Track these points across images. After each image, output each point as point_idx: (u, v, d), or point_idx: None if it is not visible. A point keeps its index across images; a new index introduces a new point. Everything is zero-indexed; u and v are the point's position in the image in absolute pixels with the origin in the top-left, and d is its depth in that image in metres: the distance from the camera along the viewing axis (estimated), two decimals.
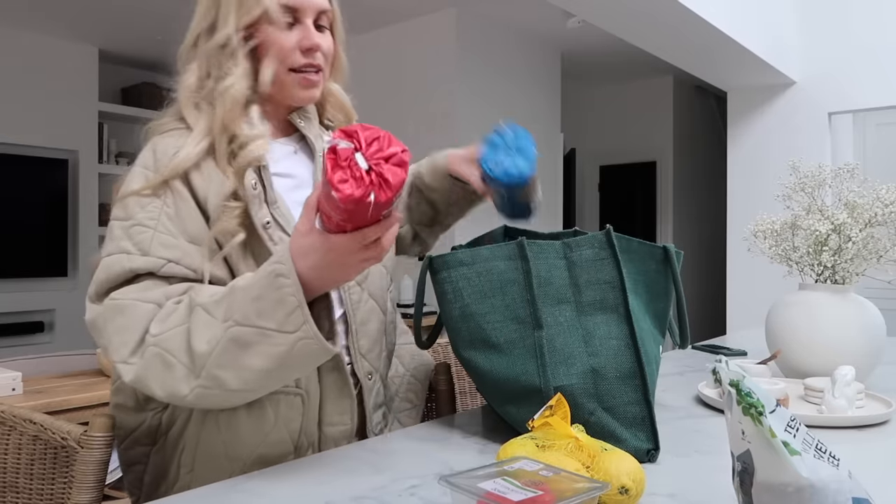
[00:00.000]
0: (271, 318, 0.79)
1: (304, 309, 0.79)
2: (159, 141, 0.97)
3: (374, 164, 0.71)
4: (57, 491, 0.97)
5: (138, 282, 0.88)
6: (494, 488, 0.61)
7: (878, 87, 4.07)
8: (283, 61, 0.98)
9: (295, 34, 0.98)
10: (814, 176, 1.37)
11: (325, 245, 0.78)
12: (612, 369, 0.92)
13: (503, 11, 4.25)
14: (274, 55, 0.97)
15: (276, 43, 0.97)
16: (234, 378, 0.81)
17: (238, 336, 0.80)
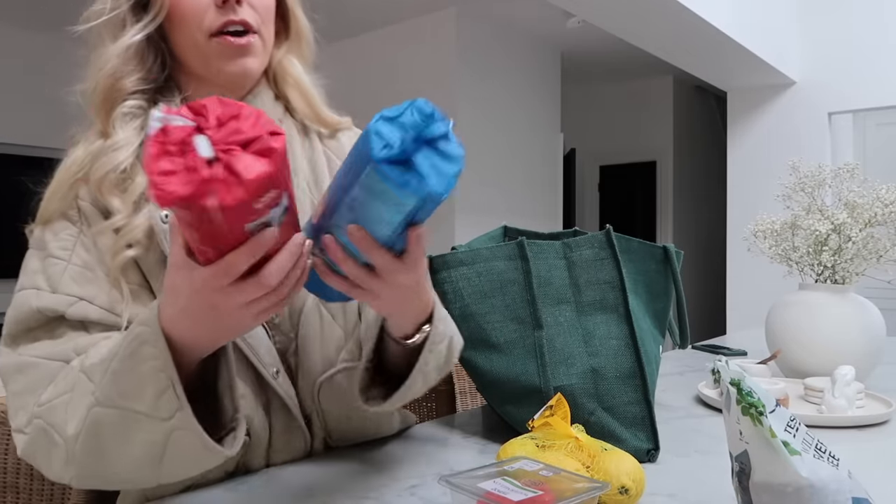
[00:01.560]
0: (138, 399, 0.60)
1: (177, 388, 0.59)
2: (71, 150, 0.83)
3: (222, 152, 0.48)
4: (57, 491, 0.97)
5: (50, 326, 0.71)
6: (494, 488, 0.61)
7: (878, 87, 4.07)
8: (198, 25, 0.75)
9: None
10: (814, 176, 1.37)
11: (189, 283, 0.55)
12: (612, 369, 0.92)
13: (503, 11, 4.25)
14: (182, 18, 0.75)
15: (181, 2, 0.75)
16: (109, 470, 0.64)
17: (99, 419, 0.62)
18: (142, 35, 0.75)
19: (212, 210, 0.48)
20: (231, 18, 0.75)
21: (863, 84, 4.11)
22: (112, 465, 0.64)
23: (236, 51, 0.76)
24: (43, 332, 0.71)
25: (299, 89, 0.87)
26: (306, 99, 0.88)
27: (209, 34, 0.75)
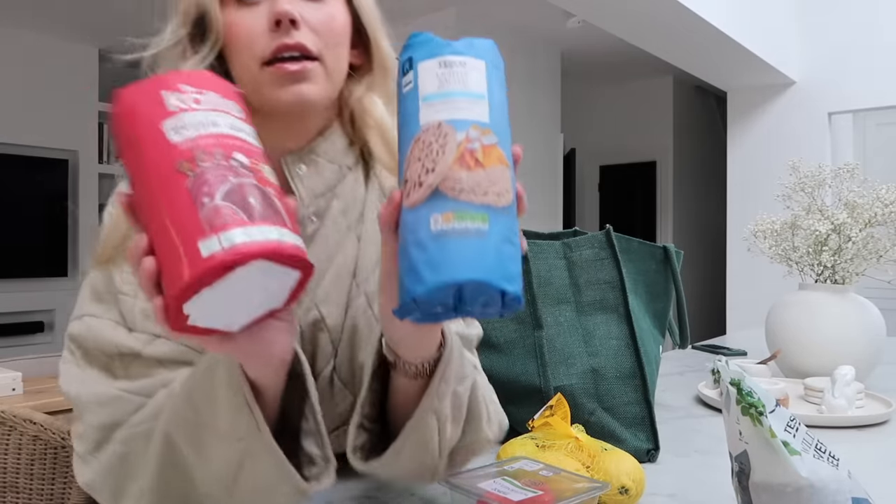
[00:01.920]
0: (212, 416, 0.57)
1: (253, 410, 0.55)
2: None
3: None
4: (57, 491, 0.97)
5: (125, 361, 0.67)
6: (494, 488, 0.61)
7: (878, 87, 4.07)
8: (252, 52, 0.66)
9: (261, 12, 0.67)
10: (814, 176, 1.37)
11: None
12: (611, 369, 0.92)
13: (503, 11, 4.25)
14: (235, 45, 0.67)
15: (233, 28, 0.67)
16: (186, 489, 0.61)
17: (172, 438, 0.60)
18: (203, 67, 0.67)
19: None
20: (284, 42, 0.65)
21: (863, 84, 4.11)
22: (189, 483, 0.60)
23: (289, 77, 0.66)
24: (120, 365, 0.68)
25: (381, 133, 0.74)
26: (389, 145, 0.74)
27: (262, 62, 0.66)
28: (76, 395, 0.67)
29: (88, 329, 0.67)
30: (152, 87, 0.47)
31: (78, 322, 0.69)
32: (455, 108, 0.50)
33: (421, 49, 0.52)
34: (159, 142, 0.46)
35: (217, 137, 0.47)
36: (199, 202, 0.44)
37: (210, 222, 0.44)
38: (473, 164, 0.48)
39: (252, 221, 0.45)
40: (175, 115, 0.46)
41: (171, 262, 0.44)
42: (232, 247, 0.43)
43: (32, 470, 0.98)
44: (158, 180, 0.45)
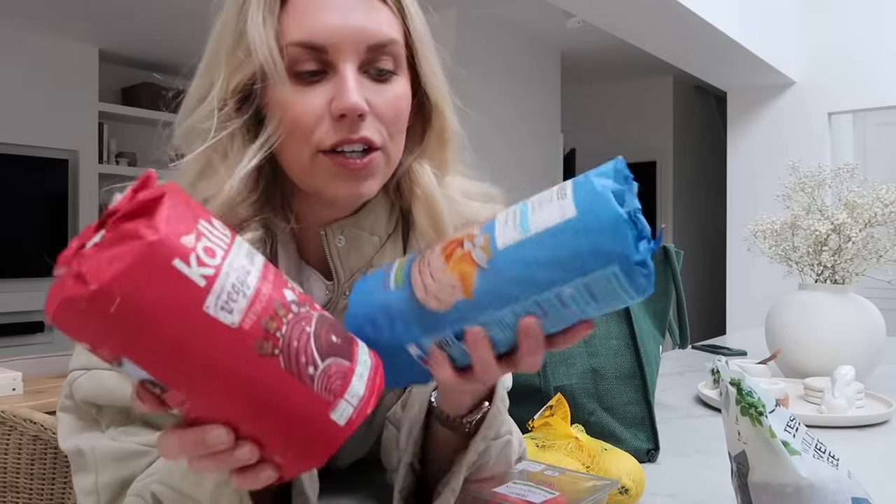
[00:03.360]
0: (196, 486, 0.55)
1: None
2: None
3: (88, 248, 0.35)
4: (57, 491, 0.97)
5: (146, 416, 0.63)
6: (511, 492, 0.61)
7: (878, 87, 4.07)
8: (307, 137, 0.59)
9: (324, 91, 0.59)
10: (813, 176, 1.37)
11: None
12: (611, 369, 0.92)
13: (503, 11, 4.25)
14: (282, 129, 0.60)
15: (287, 110, 0.59)
16: None
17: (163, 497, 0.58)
18: (258, 160, 0.60)
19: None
20: (348, 137, 0.59)
21: (863, 84, 4.11)
22: None
23: (351, 174, 0.60)
24: (140, 421, 0.63)
25: (427, 206, 0.67)
26: (434, 220, 0.67)
27: (318, 150, 0.60)
28: (87, 451, 0.62)
29: (100, 385, 0.61)
30: (155, 257, 0.34)
31: (86, 377, 0.62)
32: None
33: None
34: (216, 332, 0.36)
35: (264, 288, 0.39)
36: (305, 376, 0.39)
37: (328, 389, 0.40)
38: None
39: (352, 361, 0.42)
40: (211, 291, 0.36)
41: (295, 442, 0.40)
42: (360, 402, 0.41)
43: (32, 470, 0.98)
44: (237, 378, 0.37)
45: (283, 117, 0.59)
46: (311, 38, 0.59)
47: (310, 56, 0.59)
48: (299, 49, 0.59)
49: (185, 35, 4.62)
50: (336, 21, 0.59)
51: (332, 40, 0.59)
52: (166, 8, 3.81)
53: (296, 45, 0.59)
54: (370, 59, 0.60)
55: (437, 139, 0.68)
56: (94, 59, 4.58)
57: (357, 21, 0.60)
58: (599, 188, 0.43)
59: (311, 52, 0.59)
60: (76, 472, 0.64)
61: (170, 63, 4.89)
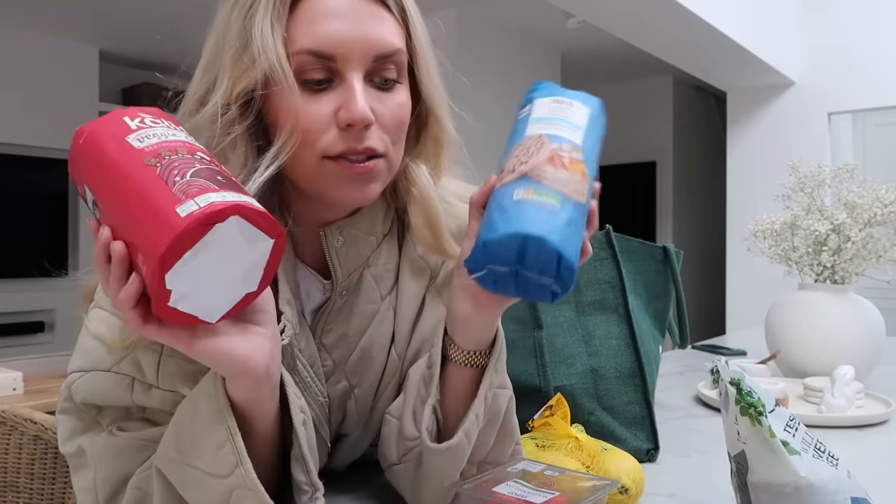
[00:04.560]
0: (196, 454, 0.55)
1: (236, 442, 0.54)
2: None
3: None
4: (57, 491, 0.97)
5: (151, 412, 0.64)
6: (511, 492, 0.61)
7: (877, 87, 4.07)
8: (313, 144, 0.60)
9: (331, 100, 0.60)
10: (813, 176, 1.37)
11: None
12: (611, 369, 0.92)
13: (503, 11, 4.25)
14: (291, 137, 0.60)
15: (295, 117, 0.60)
16: None
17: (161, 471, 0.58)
18: (274, 168, 0.60)
19: None
20: (354, 147, 0.60)
21: (862, 84, 4.11)
22: None
23: (355, 177, 0.62)
24: (141, 418, 0.64)
25: (423, 205, 0.69)
26: (430, 221, 0.69)
27: (323, 156, 0.61)
28: (87, 450, 0.63)
29: (98, 386, 0.62)
30: (113, 114, 0.53)
31: (84, 379, 0.63)
32: (555, 128, 0.58)
33: (541, 90, 0.62)
34: (126, 150, 0.49)
35: (179, 142, 0.51)
36: (171, 181, 0.47)
37: (184, 192, 0.47)
38: (559, 165, 0.56)
39: (223, 189, 0.48)
40: (138, 130, 0.51)
41: (149, 233, 0.46)
42: (209, 204, 0.46)
43: (33, 470, 0.98)
44: (126, 177, 0.48)
45: (291, 125, 0.60)
46: (319, 46, 0.59)
47: (318, 64, 0.59)
48: (307, 57, 0.59)
49: (186, 35, 4.62)
50: (345, 30, 0.59)
51: (340, 49, 0.59)
52: (166, 8, 3.81)
53: (304, 52, 0.59)
54: (375, 69, 0.61)
55: (433, 143, 0.70)
56: (94, 59, 4.58)
57: (365, 30, 0.60)
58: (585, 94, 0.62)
59: (320, 61, 0.59)
60: (76, 472, 0.64)
61: (170, 63, 4.90)
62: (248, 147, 0.61)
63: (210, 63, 0.63)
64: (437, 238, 0.69)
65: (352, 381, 0.72)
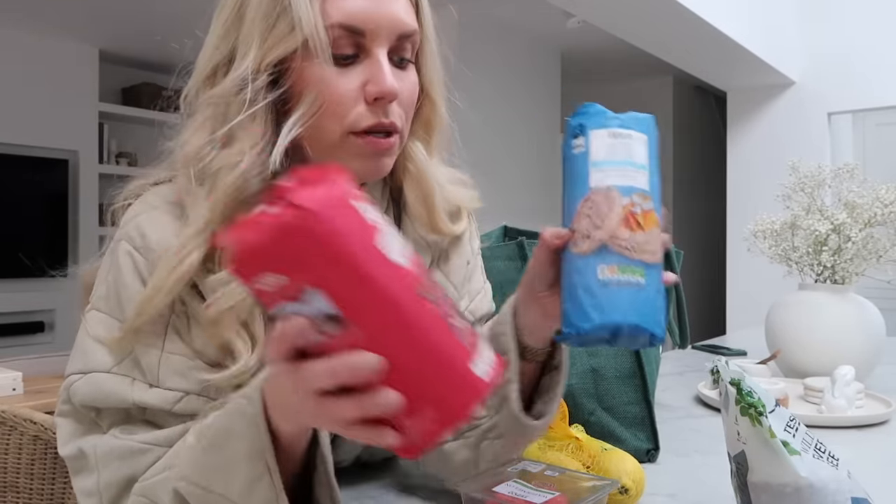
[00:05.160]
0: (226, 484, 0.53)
1: (275, 478, 0.51)
2: (146, 222, 0.64)
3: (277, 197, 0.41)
4: (57, 491, 0.97)
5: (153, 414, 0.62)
6: (511, 492, 0.61)
7: (877, 87, 4.07)
8: (341, 118, 0.62)
9: (358, 74, 0.62)
10: (813, 176, 1.37)
11: None
12: (611, 369, 0.92)
13: (503, 11, 4.25)
14: (314, 108, 0.61)
15: (324, 88, 0.61)
16: None
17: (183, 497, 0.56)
18: (294, 134, 0.61)
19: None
20: (381, 121, 0.62)
21: (863, 84, 4.11)
22: None
23: (378, 153, 0.64)
24: (138, 414, 0.63)
25: (419, 182, 0.72)
26: (425, 197, 0.72)
27: (349, 131, 0.62)
28: (89, 451, 0.62)
29: (98, 389, 0.62)
30: (343, 194, 0.41)
31: (84, 381, 0.62)
32: (622, 175, 0.59)
33: (592, 119, 0.62)
34: (383, 264, 0.41)
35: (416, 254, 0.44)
36: (448, 323, 0.43)
37: (467, 341, 0.43)
38: (635, 226, 0.56)
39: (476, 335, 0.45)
40: (381, 233, 0.41)
41: (439, 387, 0.42)
42: (491, 361, 0.44)
43: (33, 470, 0.98)
44: (401, 310, 0.41)
45: (319, 96, 0.61)
46: (352, 21, 0.61)
47: (348, 39, 0.61)
48: (339, 31, 0.61)
49: (186, 35, 4.62)
50: (373, 7, 0.62)
51: (370, 25, 0.61)
52: (166, 8, 3.81)
53: (336, 26, 0.60)
54: (396, 47, 0.64)
55: (425, 125, 0.72)
56: (94, 59, 4.58)
57: (391, 9, 0.63)
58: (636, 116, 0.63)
59: (351, 36, 0.61)
60: (76, 475, 0.64)
61: (170, 63, 4.84)
62: (268, 117, 0.62)
63: (227, 32, 0.64)
64: (430, 214, 0.73)
65: None
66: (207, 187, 0.62)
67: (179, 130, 0.66)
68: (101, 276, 0.67)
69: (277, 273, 0.40)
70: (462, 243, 0.80)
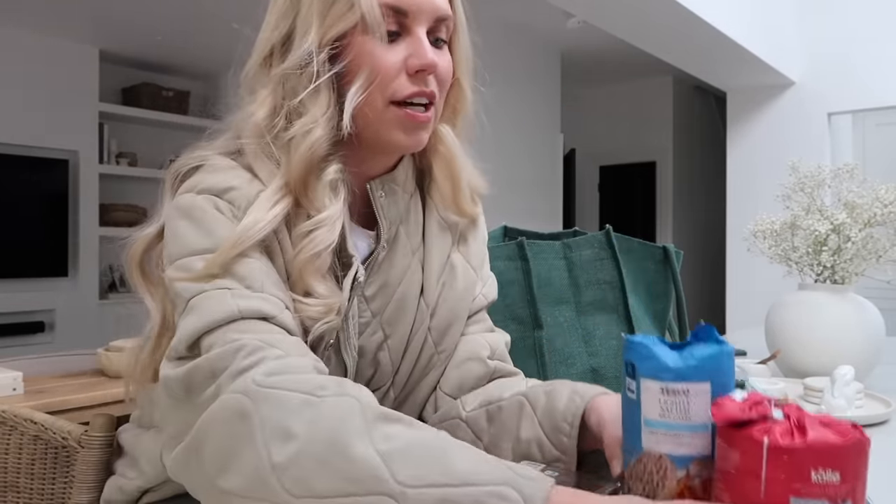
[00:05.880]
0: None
1: None
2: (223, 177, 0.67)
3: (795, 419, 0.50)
4: (57, 491, 0.97)
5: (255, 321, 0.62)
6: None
7: (877, 87, 4.07)
8: (384, 88, 0.68)
9: (401, 49, 0.69)
10: (813, 176, 1.37)
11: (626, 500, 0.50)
12: (611, 369, 0.92)
13: (503, 11, 4.25)
14: (370, 79, 0.67)
15: (374, 61, 0.67)
16: None
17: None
18: (359, 98, 0.68)
19: (758, 443, 0.48)
20: (423, 90, 0.69)
21: (862, 84, 4.11)
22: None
23: (417, 125, 0.70)
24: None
25: (447, 162, 0.78)
26: (452, 177, 0.78)
27: (391, 101, 0.69)
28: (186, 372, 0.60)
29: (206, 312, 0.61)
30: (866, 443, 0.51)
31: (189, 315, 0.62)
32: (676, 441, 0.52)
33: (644, 365, 0.53)
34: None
35: None
36: None
37: None
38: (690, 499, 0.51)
39: None
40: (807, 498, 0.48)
41: None
42: None
43: (33, 470, 0.98)
44: None
45: (369, 69, 0.68)
46: (398, 2, 0.68)
47: (394, 18, 0.68)
48: (387, 10, 0.68)
49: (186, 36, 4.63)
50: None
51: (413, 7, 0.69)
52: (166, 8, 3.81)
53: (385, 6, 0.67)
54: (433, 28, 0.71)
55: (452, 108, 0.78)
56: (94, 60, 4.58)
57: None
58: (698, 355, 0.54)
59: (396, 15, 0.68)
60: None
61: (170, 63, 4.90)
62: (329, 91, 0.68)
63: (285, 13, 0.70)
64: (456, 194, 0.78)
65: (386, 331, 0.76)
66: (282, 153, 0.68)
67: (241, 106, 0.71)
68: (173, 231, 0.67)
69: (842, 484, 0.49)
70: (478, 227, 0.86)
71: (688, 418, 0.52)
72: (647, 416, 0.53)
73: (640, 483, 0.53)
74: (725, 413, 0.49)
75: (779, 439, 0.47)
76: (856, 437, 0.50)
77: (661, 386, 0.52)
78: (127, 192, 4.77)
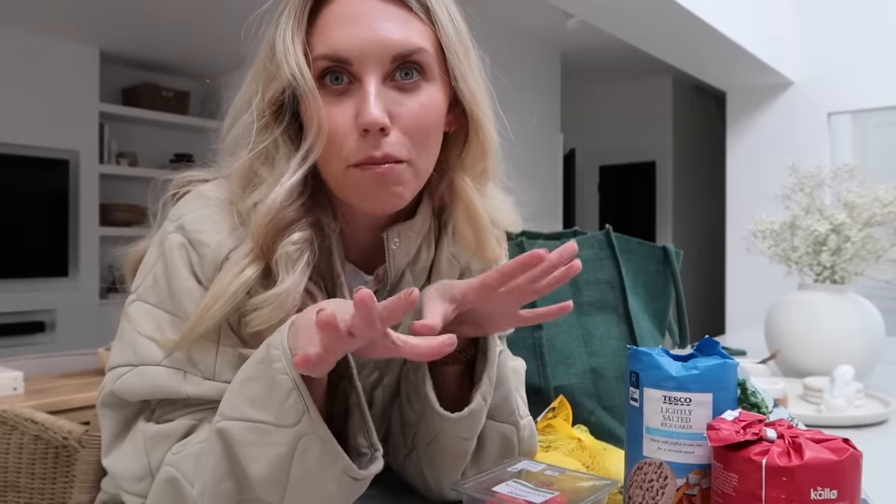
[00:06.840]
0: (264, 407, 0.54)
1: (302, 391, 0.53)
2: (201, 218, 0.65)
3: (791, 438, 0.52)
4: (58, 490, 0.98)
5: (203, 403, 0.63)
6: (510, 491, 0.61)
7: (877, 87, 4.07)
8: (337, 151, 0.62)
9: (350, 105, 0.61)
10: (813, 176, 1.37)
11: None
12: (611, 369, 0.93)
13: (503, 11, 4.25)
14: (315, 142, 0.62)
15: (320, 122, 0.61)
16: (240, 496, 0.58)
17: (226, 434, 0.56)
18: (302, 172, 0.62)
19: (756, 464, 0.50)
20: (372, 155, 0.61)
21: (862, 84, 4.11)
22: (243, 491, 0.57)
23: (378, 181, 0.62)
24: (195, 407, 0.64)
25: (469, 216, 0.71)
26: (475, 228, 0.71)
27: (347, 165, 0.62)
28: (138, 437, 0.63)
29: (149, 381, 0.63)
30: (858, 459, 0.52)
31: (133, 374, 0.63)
32: (676, 450, 0.54)
33: (647, 374, 0.55)
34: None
35: None
36: None
37: None
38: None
39: None
40: None
41: None
42: None
43: (34, 469, 0.98)
44: None
45: (316, 128, 0.61)
46: (335, 50, 0.61)
47: (336, 68, 0.61)
48: (325, 62, 0.61)
49: (186, 36, 4.63)
50: (360, 34, 0.61)
51: (355, 53, 0.60)
52: (166, 8, 3.81)
53: (322, 58, 0.61)
54: (396, 69, 0.62)
55: (475, 152, 0.69)
56: (94, 60, 4.58)
57: (382, 32, 0.61)
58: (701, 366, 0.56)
59: (337, 65, 0.61)
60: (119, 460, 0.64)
61: (170, 63, 4.90)
62: (289, 148, 0.63)
63: (252, 72, 0.66)
64: (479, 243, 0.71)
65: (382, 370, 0.74)
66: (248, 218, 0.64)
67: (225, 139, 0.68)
68: (147, 266, 0.66)
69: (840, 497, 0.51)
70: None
71: (689, 427, 0.54)
72: (648, 424, 0.56)
73: (640, 490, 0.55)
74: (721, 436, 0.51)
75: (777, 460, 0.50)
76: (849, 452, 0.51)
77: (664, 395, 0.54)
78: (127, 193, 4.77)
